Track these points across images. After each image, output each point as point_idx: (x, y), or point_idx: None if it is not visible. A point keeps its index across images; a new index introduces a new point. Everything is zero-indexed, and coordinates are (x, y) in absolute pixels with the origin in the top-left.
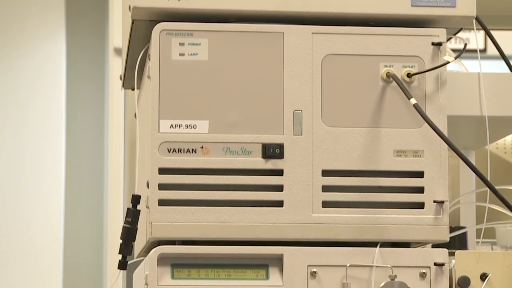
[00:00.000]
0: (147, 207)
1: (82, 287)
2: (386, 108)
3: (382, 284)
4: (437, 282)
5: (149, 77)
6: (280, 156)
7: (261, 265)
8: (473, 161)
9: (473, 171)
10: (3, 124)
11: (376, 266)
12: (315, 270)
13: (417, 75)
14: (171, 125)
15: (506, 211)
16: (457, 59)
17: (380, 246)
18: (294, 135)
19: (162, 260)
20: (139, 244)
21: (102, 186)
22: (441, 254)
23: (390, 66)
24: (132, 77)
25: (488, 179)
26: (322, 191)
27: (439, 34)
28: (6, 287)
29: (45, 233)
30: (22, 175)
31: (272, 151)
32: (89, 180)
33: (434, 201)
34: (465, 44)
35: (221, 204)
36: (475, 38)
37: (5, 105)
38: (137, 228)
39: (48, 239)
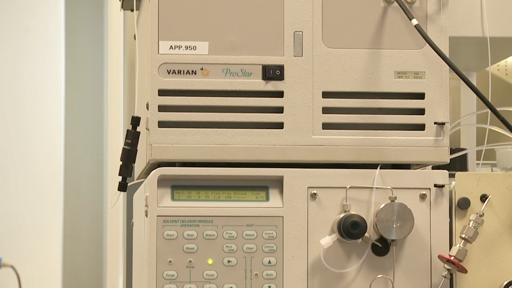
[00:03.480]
0: (147, 129)
1: (82, 208)
2: (387, 29)
3: (382, 205)
4: (437, 203)
5: None
6: (280, 77)
7: (261, 186)
8: (474, 82)
9: (474, 92)
10: (3, 45)
11: (376, 188)
12: (315, 191)
13: None
14: (171, 46)
15: (506, 132)
16: None
17: (380, 168)
18: (294, 56)
19: (162, 181)
20: (139, 166)
21: (102, 109)
22: (441, 176)
23: None
24: None
25: (489, 101)
26: (323, 113)
27: None
28: (7, 202)
29: (46, 149)
30: (23, 94)
31: (272, 72)
32: (88, 103)
33: (435, 123)
34: None
35: (221, 126)
36: None
37: (4, 29)
38: (137, 150)
39: (48, 156)
